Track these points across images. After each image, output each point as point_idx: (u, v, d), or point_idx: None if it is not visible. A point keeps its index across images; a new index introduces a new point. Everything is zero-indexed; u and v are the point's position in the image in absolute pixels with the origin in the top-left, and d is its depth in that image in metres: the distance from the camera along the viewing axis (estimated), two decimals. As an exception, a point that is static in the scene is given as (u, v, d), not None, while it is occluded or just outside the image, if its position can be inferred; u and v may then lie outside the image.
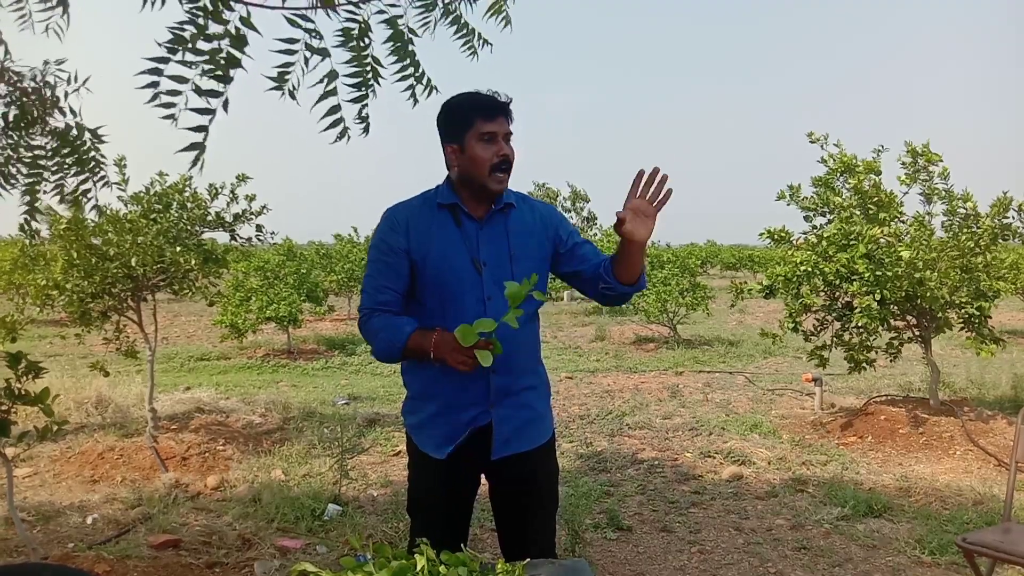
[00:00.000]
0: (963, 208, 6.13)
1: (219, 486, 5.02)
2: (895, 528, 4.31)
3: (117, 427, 6.20)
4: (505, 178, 2.22)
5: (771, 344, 6.68)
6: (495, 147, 2.18)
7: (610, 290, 2.26)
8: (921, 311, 6.24)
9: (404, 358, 2.23)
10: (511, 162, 2.22)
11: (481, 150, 2.18)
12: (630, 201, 2.10)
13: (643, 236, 2.10)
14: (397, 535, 4.10)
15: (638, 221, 2.10)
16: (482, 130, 2.17)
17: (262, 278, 12.22)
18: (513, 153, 2.23)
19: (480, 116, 2.18)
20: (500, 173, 2.20)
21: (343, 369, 10.52)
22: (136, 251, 5.44)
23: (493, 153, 2.18)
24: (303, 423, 6.77)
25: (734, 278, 26.52)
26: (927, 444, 5.85)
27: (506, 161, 2.20)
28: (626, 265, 2.19)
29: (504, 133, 2.20)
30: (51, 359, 10.40)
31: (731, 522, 4.46)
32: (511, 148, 2.23)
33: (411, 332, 2.16)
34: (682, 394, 8.37)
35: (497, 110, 2.19)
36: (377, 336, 2.21)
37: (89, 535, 4.14)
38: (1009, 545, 2.85)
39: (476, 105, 2.19)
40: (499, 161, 2.18)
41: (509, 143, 2.23)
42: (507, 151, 2.20)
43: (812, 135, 6.49)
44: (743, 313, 18.36)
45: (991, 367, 9.09)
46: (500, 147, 2.19)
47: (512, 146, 2.24)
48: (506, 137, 2.21)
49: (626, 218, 2.08)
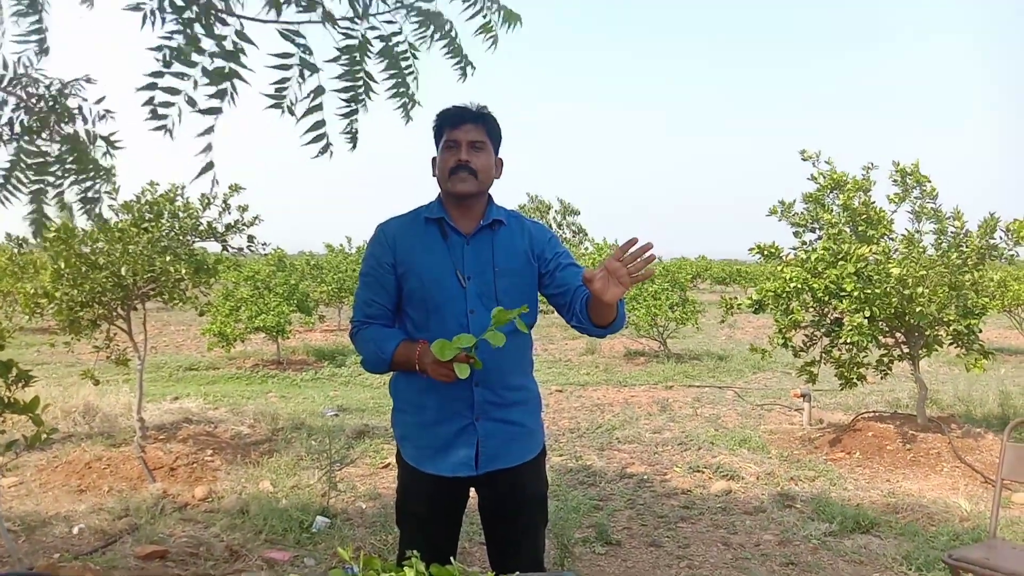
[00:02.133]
0: (953, 227, 6.19)
1: (207, 497, 5.00)
2: (882, 544, 4.32)
3: (104, 436, 6.16)
4: (468, 177, 2.23)
5: (760, 359, 6.70)
6: (456, 154, 2.23)
7: (583, 330, 2.26)
8: (909, 328, 6.28)
9: (392, 369, 2.28)
10: (471, 167, 2.23)
11: (445, 156, 2.25)
12: (610, 263, 2.01)
13: (612, 297, 2.02)
14: (386, 548, 4.09)
15: (611, 283, 2.01)
16: (447, 138, 2.26)
17: (252, 288, 12.18)
18: (482, 160, 2.25)
19: (447, 125, 2.26)
20: (461, 172, 2.22)
21: (332, 380, 10.49)
22: (126, 260, 5.43)
23: (452, 158, 2.23)
24: (292, 434, 6.74)
25: (724, 293, 26.61)
26: (914, 460, 5.87)
27: (463, 166, 2.22)
28: (599, 312, 2.17)
29: (468, 141, 2.24)
30: (39, 367, 10.32)
31: (719, 537, 4.46)
32: (477, 154, 2.25)
33: (398, 344, 2.22)
34: (672, 408, 8.38)
35: (460, 119, 2.25)
36: (366, 347, 2.27)
37: (75, 545, 4.11)
38: (994, 562, 2.87)
39: (444, 116, 2.28)
40: (455, 165, 2.22)
41: (476, 150, 2.25)
42: (465, 156, 2.22)
43: (804, 152, 6.55)
44: (733, 328, 18.41)
45: (978, 384, 9.15)
46: (459, 153, 2.23)
47: (483, 154, 2.26)
48: (472, 144, 2.24)
49: (593, 278, 2.01)
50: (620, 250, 2.00)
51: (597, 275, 2.01)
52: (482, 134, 2.26)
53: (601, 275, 2.01)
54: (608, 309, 2.13)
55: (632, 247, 1.99)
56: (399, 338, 2.24)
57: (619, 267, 1.99)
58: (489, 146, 2.29)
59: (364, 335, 2.29)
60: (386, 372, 2.31)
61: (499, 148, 2.34)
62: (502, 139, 2.35)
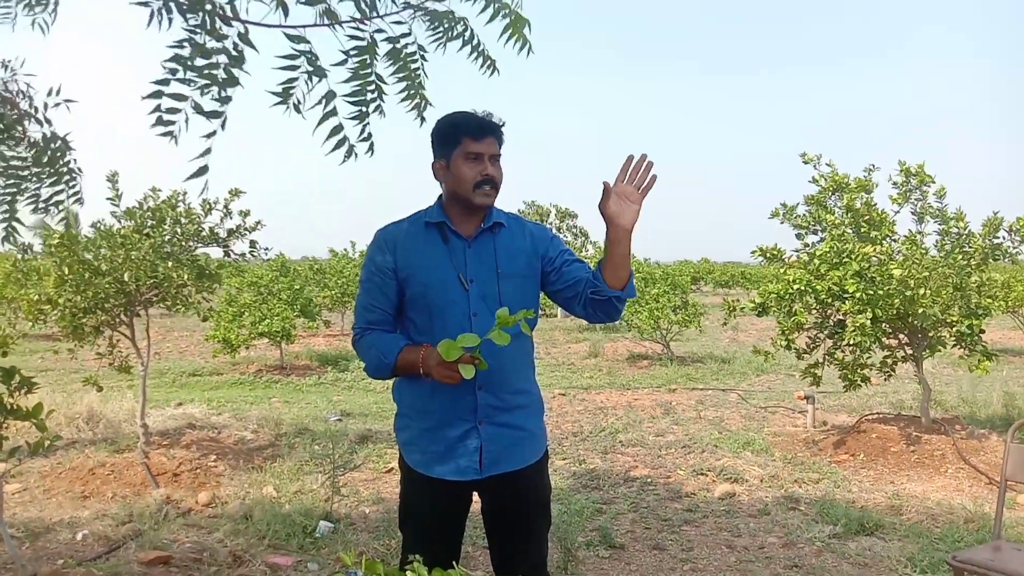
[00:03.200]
0: (956, 228, 6.18)
1: (210, 502, 5.00)
2: (887, 546, 4.31)
3: (108, 443, 6.17)
4: (492, 192, 2.25)
5: (763, 362, 6.69)
6: (480, 166, 2.22)
7: (598, 294, 2.22)
8: (913, 329, 6.27)
9: (395, 374, 2.27)
10: (496, 182, 2.25)
11: (467, 169, 2.22)
12: (617, 186, 2.15)
13: (628, 220, 2.14)
14: (389, 552, 4.09)
15: (624, 205, 2.14)
16: (468, 149, 2.22)
17: (255, 293, 12.20)
18: (500, 174, 2.27)
19: (468, 135, 2.22)
20: (486, 187, 2.23)
21: (336, 385, 10.50)
22: (129, 266, 5.44)
23: (477, 172, 2.22)
24: (295, 439, 6.74)
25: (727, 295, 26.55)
26: (919, 462, 5.86)
27: (490, 180, 2.23)
28: (613, 261, 2.17)
29: (491, 154, 2.24)
30: (42, 374, 10.34)
31: (723, 540, 4.45)
32: (498, 169, 2.26)
33: (400, 349, 2.21)
34: (675, 411, 8.37)
35: (485, 131, 2.23)
36: (369, 353, 2.26)
37: (79, 551, 4.11)
38: (999, 563, 2.87)
39: (465, 124, 2.23)
40: (482, 180, 2.22)
41: (497, 164, 2.26)
42: (491, 171, 2.23)
43: (805, 155, 6.56)
44: (736, 330, 18.36)
45: (982, 385, 9.12)
46: (485, 167, 2.22)
47: (500, 167, 2.27)
48: (493, 158, 2.24)
49: (607, 205, 2.13)
50: (621, 172, 2.16)
51: (610, 202, 2.13)
52: (498, 146, 2.27)
53: (613, 200, 2.13)
54: (625, 243, 2.17)
55: (631, 164, 2.15)
56: (402, 344, 2.23)
57: (626, 187, 2.15)
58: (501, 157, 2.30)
59: (366, 341, 2.28)
60: (390, 378, 2.30)
61: None
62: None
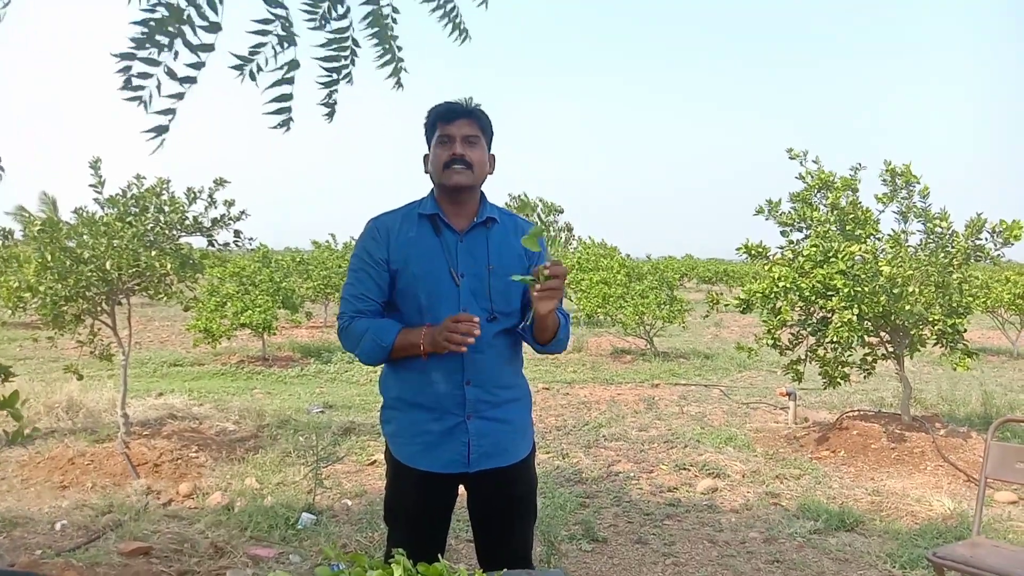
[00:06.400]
0: (940, 227, 6.23)
1: (191, 493, 4.96)
2: (867, 542, 4.34)
3: (88, 432, 6.11)
4: (464, 170, 2.24)
5: (746, 358, 6.73)
6: (450, 147, 2.24)
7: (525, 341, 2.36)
8: (895, 327, 6.32)
9: (390, 357, 2.24)
10: (467, 160, 2.24)
11: (439, 151, 2.25)
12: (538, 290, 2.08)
13: (544, 308, 2.10)
14: (372, 545, 4.07)
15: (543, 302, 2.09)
16: (440, 132, 2.26)
17: (238, 284, 12.11)
18: (478, 155, 2.26)
19: (440, 120, 2.26)
20: (455, 165, 2.23)
21: (318, 377, 10.45)
22: (111, 254, 5.38)
23: (447, 151, 2.24)
24: (277, 431, 6.71)
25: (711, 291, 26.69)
26: (899, 459, 5.91)
27: (458, 159, 2.23)
28: (537, 326, 2.24)
29: (463, 135, 2.25)
30: (21, 362, 10.22)
31: (705, 535, 4.48)
32: (474, 149, 2.26)
33: (397, 331, 2.20)
34: (658, 406, 8.40)
35: (454, 114, 2.26)
36: (363, 337, 2.23)
37: (58, 542, 4.07)
38: (978, 560, 2.90)
39: (436, 111, 2.28)
40: (450, 158, 2.23)
41: (472, 145, 2.26)
42: (460, 150, 2.24)
43: (792, 151, 6.58)
44: (719, 327, 18.49)
45: (961, 383, 9.22)
46: (453, 147, 2.24)
47: (477, 148, 2.27)
48: (466, 139, 2.25)
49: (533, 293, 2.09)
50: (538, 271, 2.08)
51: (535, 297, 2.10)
52: (475, 129, 2.27)
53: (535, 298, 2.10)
54: (547, 329, 2.25)
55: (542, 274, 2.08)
56: (398, 326, 2.22)
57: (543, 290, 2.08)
58: (482, 141, 2.29)
59: (358, 327, 2.25)
60: (384, 361, 2.28)
61: (491, 144, 2.35)
62: (494, 135, 2.35)
